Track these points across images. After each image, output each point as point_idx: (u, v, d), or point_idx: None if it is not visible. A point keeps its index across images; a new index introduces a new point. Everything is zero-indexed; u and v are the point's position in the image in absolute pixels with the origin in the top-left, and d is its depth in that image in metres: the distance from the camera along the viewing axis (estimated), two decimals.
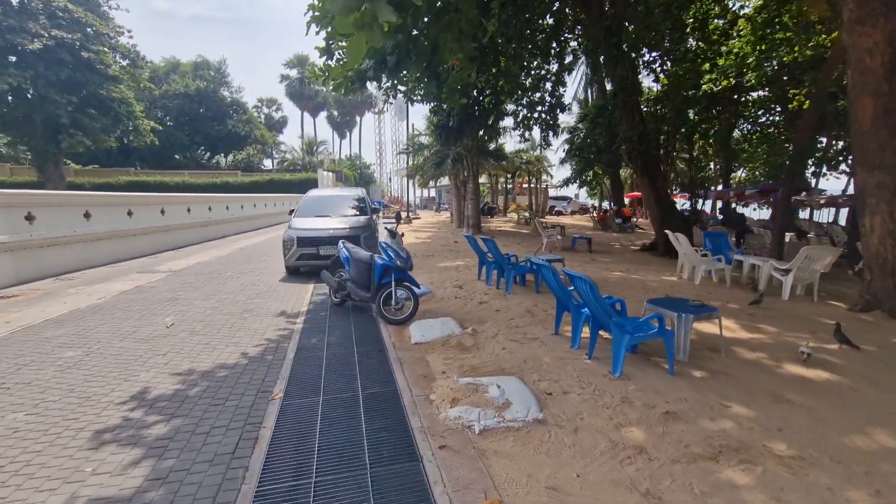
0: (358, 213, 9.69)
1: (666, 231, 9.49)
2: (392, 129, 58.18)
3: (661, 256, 13.30)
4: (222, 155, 46.00)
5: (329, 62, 6.94)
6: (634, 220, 26.89)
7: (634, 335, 3.81)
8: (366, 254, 6.00)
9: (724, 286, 7.94)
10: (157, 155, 41.01)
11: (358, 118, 73.83)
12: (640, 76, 24.98)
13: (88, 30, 26.56)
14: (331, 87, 5.79)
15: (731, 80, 19.43)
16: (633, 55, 14.76)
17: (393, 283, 5.57)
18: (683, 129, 18.95)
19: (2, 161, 35.41)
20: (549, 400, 3.43)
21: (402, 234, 7.03)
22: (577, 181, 27.13)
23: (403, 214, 26.88)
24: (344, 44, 5.15)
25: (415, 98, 11.76)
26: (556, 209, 39.39)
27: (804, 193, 16.05)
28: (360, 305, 6.40)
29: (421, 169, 20.88)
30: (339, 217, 9.36)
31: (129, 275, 9.02)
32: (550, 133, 20.30)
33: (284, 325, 5.59)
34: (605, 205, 35.96)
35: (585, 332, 4.61)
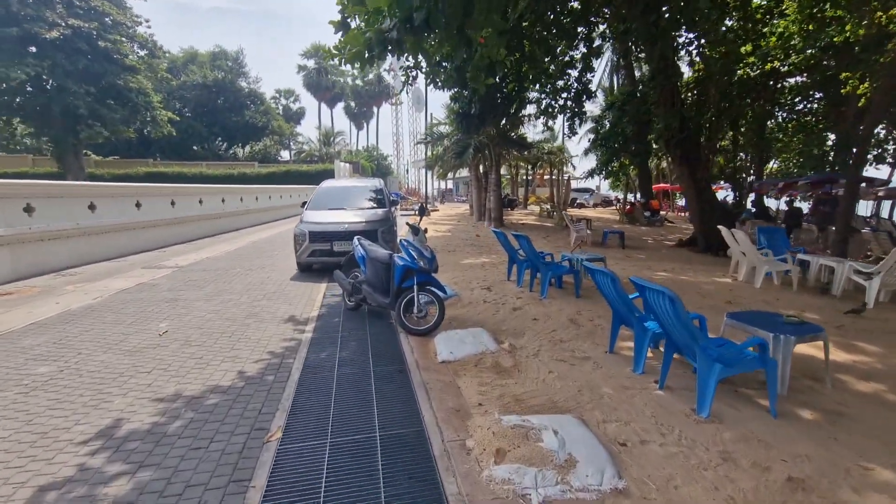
0: (375, 205, 8.94)
1: (720, 227, 8.49)
2: (409, 119, 57.27)
3: (699, 253, 12.27)
4: (239, 146, 45.84)
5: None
6: (663, 213, 25.63)
7: (728, 366, 2.96)
8: (384, 252, 5.23)
9: (788, 290, 6.95)
10: (176, 146, 41.03)
11: (375, 109, 73.09)
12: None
13: (106, 19, 26.32)
14: (345, 61, 5.02)
15: (776, 62, 18.00)
16: (673, 34, 13.59)
17: (415, 287, 4.80)
18: (727, 116, 17.56)
19: (25, 152, 35.86)
20: (625, 453, 2.62)
21: (426, 230, 6.21)
22: (603, 172, 25.93)
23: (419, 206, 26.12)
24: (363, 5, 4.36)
25: (437, 81, 10.93)
26: (577, 201, 38.13)
27: (864, 185, 14.68)
28: (377, 310, 5.66)
29: (440, 159, 20.00)
30: (354, 210, 8.64)
31: (132, 271, 8.47)
32: (576, 121, 19.32)
33: (291, 333, 4.88)
34: (630, 197, 34.57)
35: (649, 352, 3.77)
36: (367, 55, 4.70)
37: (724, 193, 26.91)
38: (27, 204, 8.09)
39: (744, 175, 28.37)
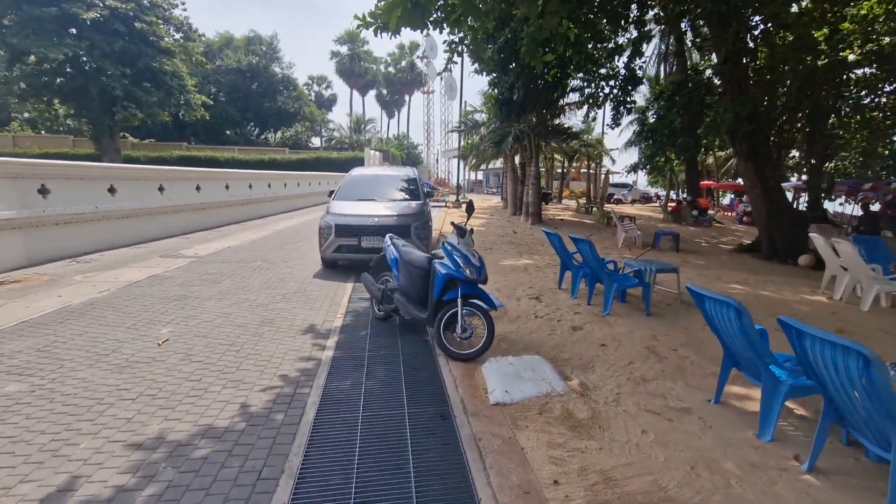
0: (408, 197, 8.09)
1: (813, 235, 7.26)
2: (441, 108, 56.16)
3: (764, 260, 10.94)
4: (271, 131, 45.92)
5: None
6: (711, 212, 23.90)
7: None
8: (421, 256, 4.37)
9: None
10: (210, 130, 41.36)
11: (407, 97, 72.20)
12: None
13: (143, 0, 26.27)
14: (380, 23, 4.17)
15: (851, 50, 16.07)
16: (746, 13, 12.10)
17: (459, 301, 3.93)
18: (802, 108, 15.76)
19: (67, 134, 36.71)
20: None
21: (472, 231, 5.25)
22: (648, 167, 24.31)
23: (452, 198, 25.10)
24: None
25: (481, 60, 9.99)
26: (615, 197, 36.37)
27: None
28: (411, 323, 4.82)
29: (475, 149, 18.92)
30: (386, 202, 7.81)
31: (149, 259, 7.93)
32: (621, 110, 18.03)
33: (310, 350, 4.10)
34: (672, 194, 32.63)
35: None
36: (406, 9, 3.79)
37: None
38: (42, 185, 7.62)
39: (800, 174, 26.15)
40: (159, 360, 3.76)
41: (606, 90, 16.50)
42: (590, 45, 14.84)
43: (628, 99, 17.15)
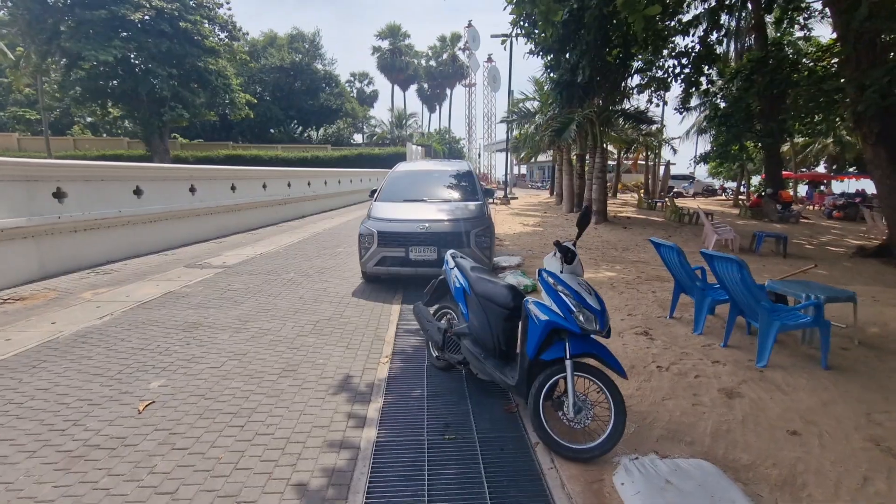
0: (465, 196, 6.71)
1: None
2: (484, 101, 54.41)
3: None
4: (314, 128, 45.94)
5: None
6: (796, 207, 21.06)
7: None
8: (503, 290, 2.98)
9: None
10: (254, 129, 41.81)
11: (448, 91, 70.84)
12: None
13: (189, 0, 26.34)
14: None
15: None
16: None
17: (568, 364, 2.51)
18: None
19: (124, 136, 38.00)
20: None
21: (575, 252, 3.60)
22: (720, 156, 21.71)
23: (499, 194, 23.42)
24: None
25: (544, 34, 8.48)
26: (674, 190, 33.48)
27: None
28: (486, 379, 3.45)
29: (528, 140, 17.19)
30: (438, 203, 6.47)
31: (171, 270, 7.01)
32: (692, 91, 16.00)
33: (343, 429, 2.80)
34: (742, 186, 29.48)
35: None
36: None
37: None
38: (58, 188, 6.84)
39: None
40: (130, 442, 2.59)
41: (677, 69, 14.52)
42: (660, 19, 12.97)
43: (701, 79, 15.08)
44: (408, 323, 4.73)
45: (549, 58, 14.01)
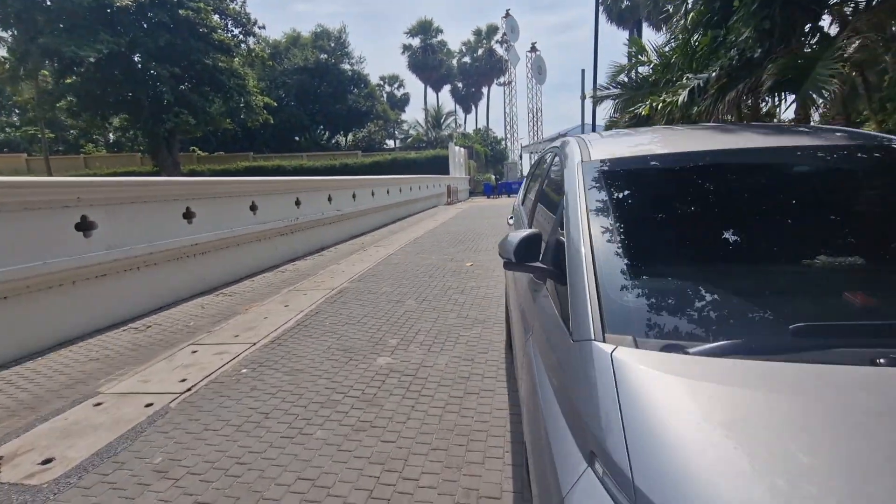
0: None
1: None
2: (528, 96, 48.77)
3: None
4: (342, 134, 41.86)
5: None
6: None
7: None
8: None
9: None
10: (279, 137, 38.01)
11: (485, 89, 65.68)
12: None
13: None
14: None
15: None
16: None
17: None
18: None
19: (136, 151, 34.78)
20: None
21: None
22: None
23: None
24: None
25: None
26: None
27: None
28: None
29: (678, 110, 11.62)
30: None
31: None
32: None
33: None
34: None
35: None
36: None
37: None
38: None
39: None
40: None
41: None
42: None
43: None
44: None
45: None
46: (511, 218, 4.37)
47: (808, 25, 6.86)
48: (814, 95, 5.90)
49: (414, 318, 4.36)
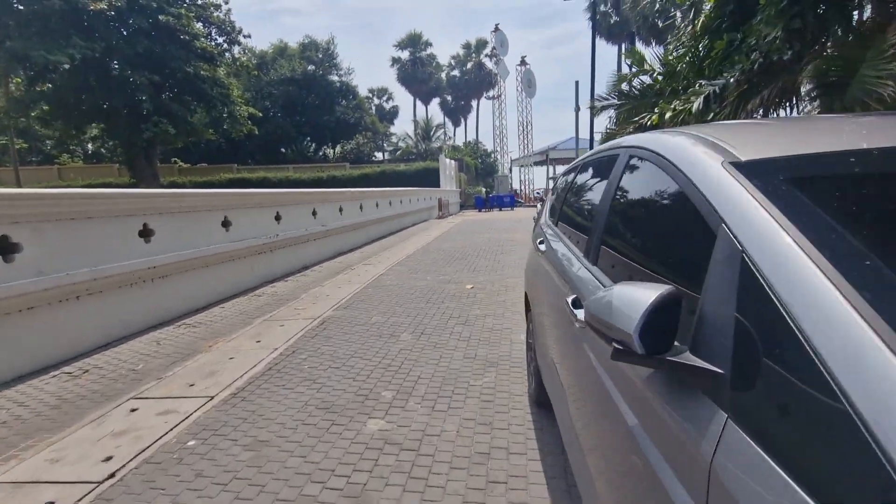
0: None
1: None
2: (519, 109, 48.60)
3: None
4: (329, 146, 41.09)
5: None
6: None
7: None
8: None
9: None
10: (265, 149, 37.07)
11: (474, 102, 65.73)
12: None
13: None
14: None
15: None
16: None
17: None
18: None
19: (113, 162, 33.58)
20: None
21: None
22: None
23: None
24: None
25: None
26: None
27: None
28: None
29: (695, 117, 11.11)
30: None
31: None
32: None
33: None
34: None
35: None
36: None
37: None
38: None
39: None
40: None
41: None
42: None
43: None
44: None
45: None
46: (541, 245, 2.67)
47: (842, 25, 6.34)
48: (865, 100, 5.27)
49: (412, 360, 3.60)
